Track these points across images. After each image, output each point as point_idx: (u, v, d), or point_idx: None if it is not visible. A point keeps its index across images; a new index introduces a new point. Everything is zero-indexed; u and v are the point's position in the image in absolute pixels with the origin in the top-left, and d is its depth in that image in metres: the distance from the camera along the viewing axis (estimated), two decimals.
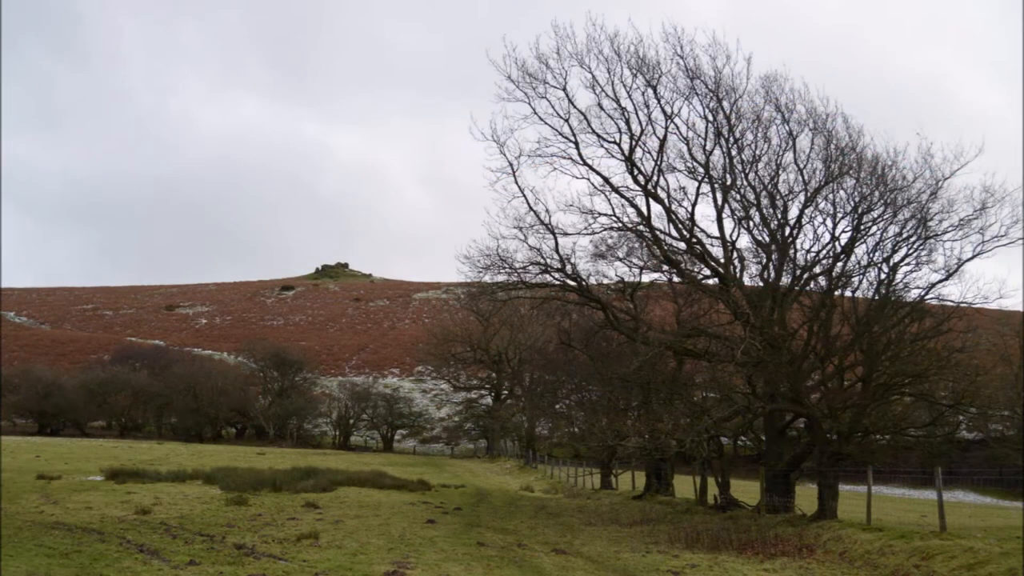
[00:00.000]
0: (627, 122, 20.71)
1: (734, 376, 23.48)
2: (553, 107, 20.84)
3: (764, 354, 19.19)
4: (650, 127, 20.78)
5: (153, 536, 14.38)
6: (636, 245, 23.97)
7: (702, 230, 21.60)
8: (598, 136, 20.95)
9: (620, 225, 21.80)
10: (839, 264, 20.94)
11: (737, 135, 20.76)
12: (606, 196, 21.59)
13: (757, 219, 21.32)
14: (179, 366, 79.23)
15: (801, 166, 20.77)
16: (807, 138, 20.70)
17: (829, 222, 20.94)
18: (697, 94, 20.50)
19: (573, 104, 20.80)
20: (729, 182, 20.97)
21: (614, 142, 20.97)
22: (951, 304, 20.14)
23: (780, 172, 21.02)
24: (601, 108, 20.68)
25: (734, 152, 20.84)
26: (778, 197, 21.11)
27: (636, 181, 21.11)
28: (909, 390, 20.63)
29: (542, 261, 22.22)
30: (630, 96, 20.52)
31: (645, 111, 20.63)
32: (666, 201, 21.14)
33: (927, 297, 20.13)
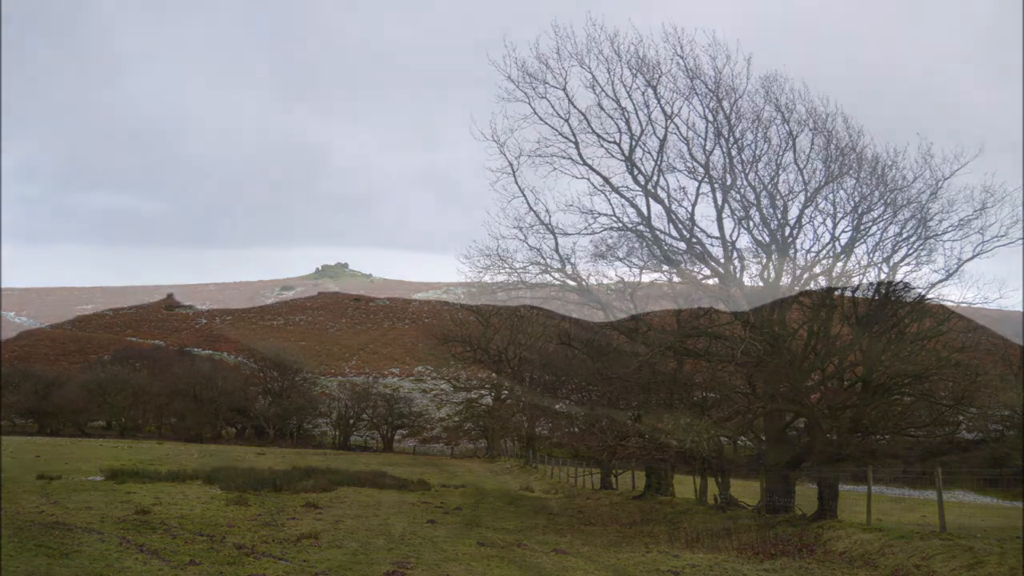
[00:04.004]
0: (627, 122, 20.72)
1: (734, 376, 23.47)
2: (553, 107, 20.86)
3: (764, 354, 19.18)
4: (650, 127, 20.81)
5: (153, 536, 14.37)
6: (636, 245, 23.90)
7: (702, 230, 21.61)
8: (598, 136, 20.96)
9: (620, 225, 21.80)
10: (839, 264, 20.94)
11: (737, 135, 20.76)
12: (606, 196, 21.61)
13: (757, 219, 21.32)
14: (179, 366, 79.27)
15: (801, 166, 20.79)
16: (807, 138, 20.72)
17: (829, 222, 20.97)
18: (697, 94, 20.51)
19: (573, 104, 20.82)
20: (729, 182, 20.96)
21: (614, 142, 20.97)
22: (951, 304, 20.14)
23: (780, 172, 21.03)
24: (601, 108, 20.70)
25: (734, 152, 20.84)
26: (778, 197, 21.10)
27: (636, 181, 21.12)
28: (909, 390, 20.62)
29: (542, 261, 22.23)
30: (630, 96, 20.54)
31: (645, 111, 20.66)
32: (666, 201, 21.15)
33: (927, 297, 20.13)
